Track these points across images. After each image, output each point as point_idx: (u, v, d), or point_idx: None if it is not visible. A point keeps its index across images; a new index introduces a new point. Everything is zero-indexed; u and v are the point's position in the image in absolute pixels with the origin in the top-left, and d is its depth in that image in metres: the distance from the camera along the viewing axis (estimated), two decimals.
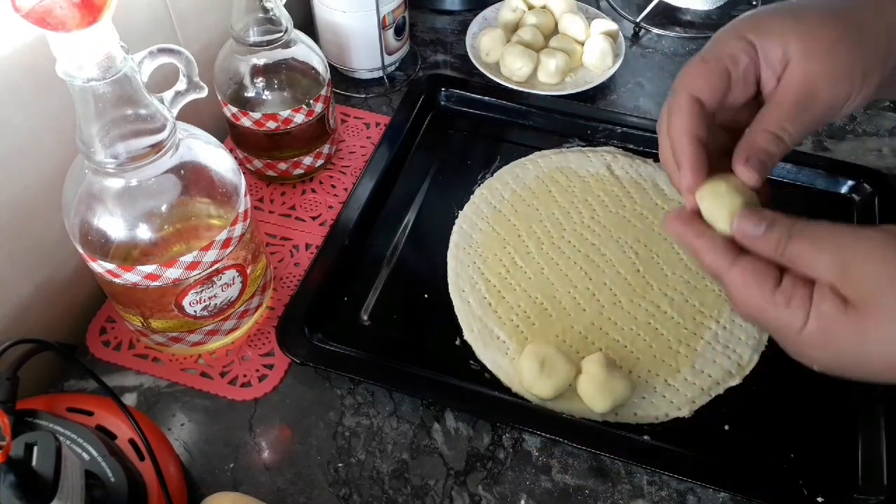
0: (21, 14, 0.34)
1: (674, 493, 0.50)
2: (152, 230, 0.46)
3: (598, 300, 0.59)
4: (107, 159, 0.42)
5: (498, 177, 0.68)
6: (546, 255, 0.62)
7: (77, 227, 0.46)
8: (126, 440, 0.46)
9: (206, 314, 0.52)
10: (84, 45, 0.37)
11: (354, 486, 0.50)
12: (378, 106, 0.76)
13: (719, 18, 0.86)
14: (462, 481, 0.51)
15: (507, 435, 0.53)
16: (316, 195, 0.67)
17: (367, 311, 0.59)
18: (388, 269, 0.62)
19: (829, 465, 0.51)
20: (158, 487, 0.44)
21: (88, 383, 0.54)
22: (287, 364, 0.56)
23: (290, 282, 0.61)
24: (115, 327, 0.57)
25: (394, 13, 0.73)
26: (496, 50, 0.77)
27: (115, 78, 0.39)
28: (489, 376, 0.55)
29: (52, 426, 0.43)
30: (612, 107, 0.76)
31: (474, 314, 0.58)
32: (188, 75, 0.45)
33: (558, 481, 0.51)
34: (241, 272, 0.52)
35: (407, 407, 0.54)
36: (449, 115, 0.75)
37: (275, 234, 0.64)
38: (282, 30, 0.58)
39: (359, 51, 0.75)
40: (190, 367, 0.55)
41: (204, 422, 0.53)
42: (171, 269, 0.47)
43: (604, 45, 0.77)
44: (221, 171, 0.48)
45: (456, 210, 0.66)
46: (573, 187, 0.67)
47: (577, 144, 0.71)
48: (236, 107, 0.61)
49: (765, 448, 0.51)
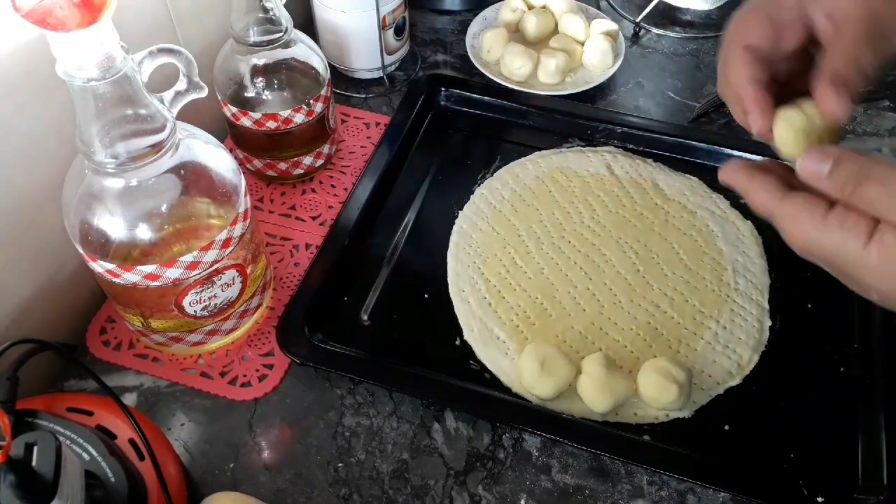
0: (21, 14, 0.34)
1: (674, 492, 0.50)
2: (152, 230, 0.46)
3: (598, 300, 0.59)
4: (107, 159, 0.42)
5: (498, 177, 0.68)
6: (546, 255, 0.62)
7: (77, 228, 0.46)
8: (126, 440, 0.46)
9: (206, 314, 0.52)
10: (84, 45, 0.37)
11: (354, 486, 0.50)
12: (378, 106, 0.76)
13: (719, 18, 0.86)
14: (462, 481, 0.51)
15: (507, 435, 0.53)
16: (316, 195, 0.67)
17: (367, 311, 0.59)
18: (388, 269, 0.62)
19: (829, 465, 0.51)
20: (158, 487, 0.44)
21: (88, 383, 0.54)
22: (287, 364, 0.56)
23: (290, 282, 0.61)
24: (115, 327, 0.57)
25: (394, 13, 0.73)
26: (497, 48, 0.77)
27: (115, 78, 0.39)
28: (489, 376, 0.55)
29: (52, 426, 0.43)
30: (612, 107, 0.76)
31: (474, 314, 0.58)
32: (188, 75, 0.45)
33: (558, 481, 0.51)
34: (241, 272, 0.52)
35: (407, 407, 0.54)
36: (449, 115, 0.75)
37: (275, 234, 0.64)
38: (282, 30, 0.58)
39: (359, 51, 0.75)
40: (190, 367, 0.55)
41: (204, 422, 0.53)
42: (171, 269, 0.47)
43: (604, 45, 0.77)
44: (221, 171, 0.48)
45: (456, 210, 0.66)
46: (573, 187, 0.67)
47: (577, 144, 0.71)
48: (236, 107, 0.61)
49: (765, 448, 0.51)
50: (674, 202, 0.65)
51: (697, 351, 0.56)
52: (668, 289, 0.59)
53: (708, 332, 0.57)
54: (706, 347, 0.56)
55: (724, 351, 0.56)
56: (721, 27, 0.85)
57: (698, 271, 0.60)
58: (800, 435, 0.52)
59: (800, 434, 0.52)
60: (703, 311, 0.58)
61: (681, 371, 0.52)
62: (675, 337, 0.57)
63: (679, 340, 0.56)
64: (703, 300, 0.59)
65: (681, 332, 0.57)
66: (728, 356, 0.55)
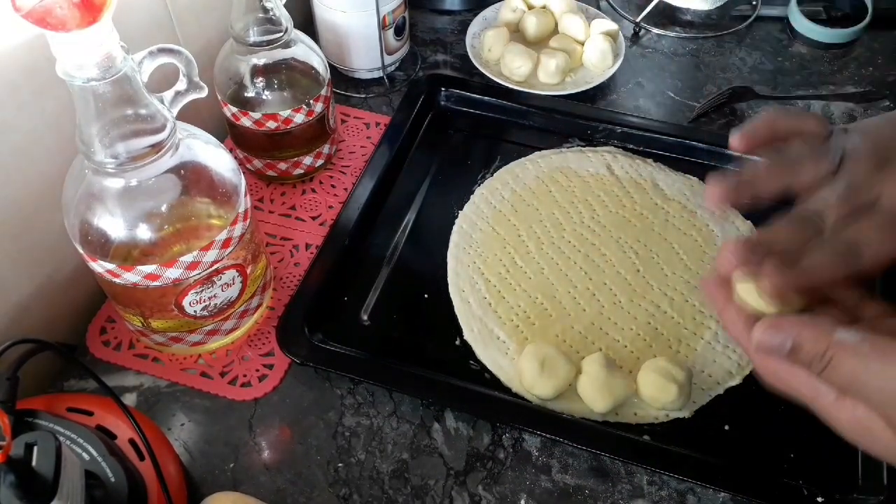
0: (21, 14, 0.34)
1: (674, 492, 0.50)
2: (152, 230, 0.46)
3: (598, 300, 0.59)
4: (107, 159, 0.42)
5: (498, 177, 0.68)
6: (546, 255, 0.62)
7: (77, 227, 0.46)
8: (126, 440, 0.46)
9: (206, 314, 0.52)
10: (84, 45, 0.37)
11: (354, 486, 0.50)
12: (378, 106, 0.76)
13: (719, 18, 0.86)
14: (462, 481, 0.51)
15: (507, 435, 0.53)
16: (316, 195, 0.67)
17: (367, 311, 0.59)
18: (388, 269, 0.62)
19: (829, 465, 0.51)
20: (158, 487, 0.44)
21: (88, 383, 0.54)
22: (287, 364, 0.56)
23: (290, 282, 0.61)
24: (115, 327, 0.57)
25: (394, 13, 0.73)
26: (498, 47, 0.77)
27: (115, 78, 0.39)
28: (489, 376, 0.55)
29: (52, 426, 0.43)
30: (611, 107, 0.76)
31: (474, 314, 0.58)
32: (188, 75, 0.45)
33: (558, 481, 0.51)
34: (241, 272, 0.52)
35: (407, 407, 0.54)
36: (449, 115, 0.75)
37: (275, 234, 0.64)
38: (282, 30, 0.58)
39: (359, 51, 0.75)
40: (190, 367, 0.55)
41: (204, 422, 0.53)
42: (171, 269, 0.47)
43: (604, 45, 0.77)
44: (221, 171, 0.48)
45: (456, 210, 0.66)
46: (573, 187, 0.67)
47: (577, 144, 0.71)
48: (236, 107, 0.61)
49: (765, 448, 0.51)
50: (674, 202, 0.65)
51: (697, 351, 0.56)
52: (668, 289, 0.59)
53: (708, 331, 0.57)
54: (706, 347, 0.56)
55: (724, 351, 0.56)
56: (721, 27, 0.85)
57: (698, 271, 0.60)
58: (800, 435, 0.52)
59: (800, 434, 0.52)
60: (703, 310, 0.58)
61: (680, 371, 0.52)
62: (675, 337, 0.57)
63: (679, 340, 0.56)
64: (702, 300, 0.58)
65: (681, 331, 0.57)
66: (728, 356, 0.55)
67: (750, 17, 0.86)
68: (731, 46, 0.84)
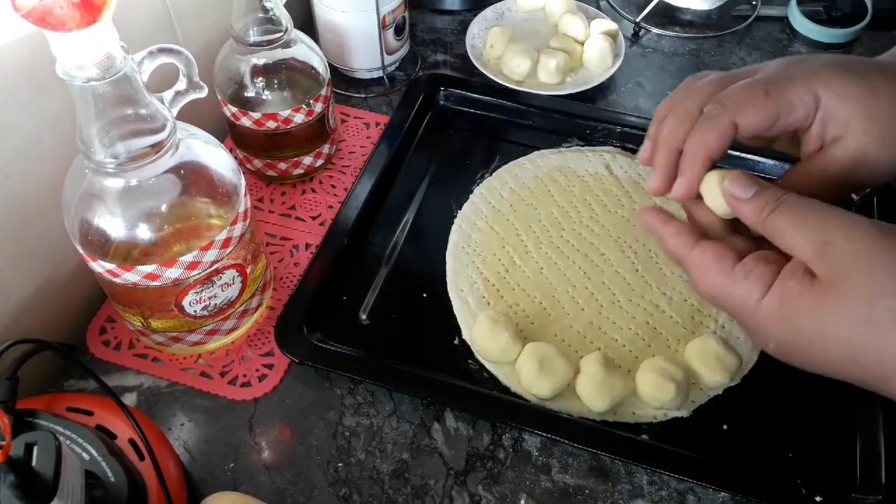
0: (21, 14, 0.34)
1: (674, 492, 0.50)
2: (152, 230, 0.46)
3: (597, 300, 0.59)
4: (107, 159, 0.42)
5: (497, 176, 0.68)
6: (545, 255, 0.62)
7: (77, 227, 0.46)
8: (126, 440, 0.46)
9: (206, 314, 0.52)
10: (84, 45, 0.37)
11: (354, 486, 0.50)
12: (378, 106, 0.76)
13: (719, 18, 0.87)
14: (462, 481, 0.51)
15: (506, 435, 0.53)
16: (316, 195, 0.67)
17: (366, 311, 0.59)
18: (388, 269, 0.62)
19: (828, 464, 0.51)
20: (158, 487, 0.45)
21: (88, 383, 0.54)
22: (287, 364, 0.56)
23: (289, 282, 0.61)
24: (115, 327, 0.57)
25: (394, 13, 0.73)
26: (500, 44, 0.77)
27: (115, 78, 0.39)
28: (488, 376, 0.55)
29: (52, 426, 0.43)
30: (611, 107, 0.76)
31: (473, 313, 0.58)
32: (188, 75, 0.45)
33: (558, 481, 0.51)
34: (241, 272, 0.52)
35: (407, 407, 0.54)
36: (448, 115, 0.75)
37: (275, 233, 0.64)
38: (282, 30, 0.58)
39: (359, 51, 0.75)
40: (190, 367, 0.55)
41: (204, 422, 0.53)
42: (171, 269, 0.47)
43: (604, 45, 0.77)
44: (221, 171, 0.48)
45: (455, 209, 0.66)
46: (572, 187, 0.67)
47: (577, 144, 0.71)
48: (236, 107, 0.61)
49: (764, 448, 0.52)
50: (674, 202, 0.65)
51: None
52: (666, 288, 0.59)
53: (707, 331, 0.57)
54: None
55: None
56: (721, 27, 0.85)
57: None
58: (799, 435, 0.52)
59: (799, 434, 0.52)
60: (702, 310, 0.58)
61: (679, 370, 0.52)
62: (673, 336, 0.57)
63: (678, 340, 0.56)
64: (701, 300, 0.58)
65: (679, 331, 0.57)
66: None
67: (750, 17, 0.86)
68: (731, 46, 0.84)
